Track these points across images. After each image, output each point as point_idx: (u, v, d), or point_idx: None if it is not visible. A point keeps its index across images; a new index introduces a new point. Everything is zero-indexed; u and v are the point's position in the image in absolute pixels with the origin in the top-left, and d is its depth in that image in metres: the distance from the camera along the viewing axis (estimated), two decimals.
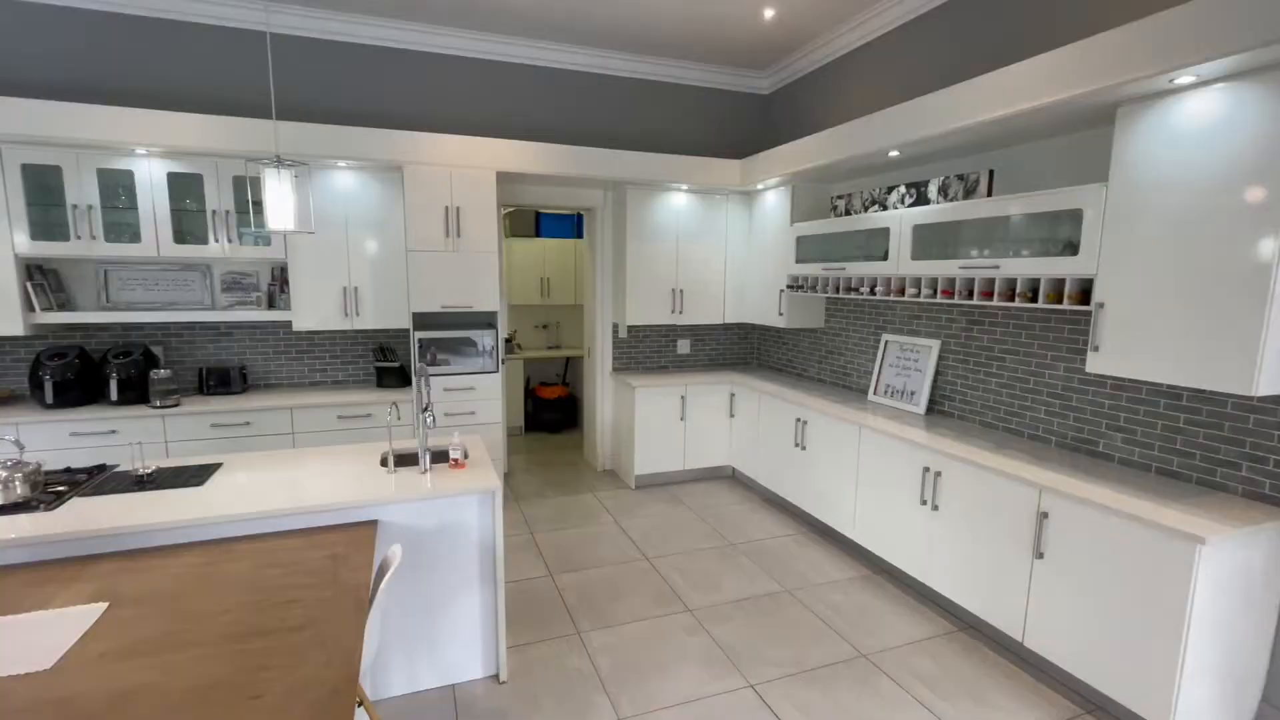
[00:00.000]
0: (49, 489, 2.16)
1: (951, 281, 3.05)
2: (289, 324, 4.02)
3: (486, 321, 4.09)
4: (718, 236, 4.72)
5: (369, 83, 4.00)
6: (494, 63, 4.27)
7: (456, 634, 2.42)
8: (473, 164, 3.82)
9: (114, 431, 3.35)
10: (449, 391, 3.91)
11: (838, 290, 3.81)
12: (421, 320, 3.85)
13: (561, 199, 4.64)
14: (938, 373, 3.51)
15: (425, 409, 2.44)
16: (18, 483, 2.05)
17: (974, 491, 2.71)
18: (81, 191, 3.34)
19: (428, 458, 2.45)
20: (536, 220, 6.32)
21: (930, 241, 3.19)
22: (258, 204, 3.68)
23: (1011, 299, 2.74)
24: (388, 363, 4.02)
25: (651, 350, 5.01)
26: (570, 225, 6.48)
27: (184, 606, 1.65)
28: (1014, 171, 3.00)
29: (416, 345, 3.82)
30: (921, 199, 3.33)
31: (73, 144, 3.25)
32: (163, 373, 3.47)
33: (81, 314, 3.49)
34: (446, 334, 3.88)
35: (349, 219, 3.78)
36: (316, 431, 3.67)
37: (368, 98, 4.01)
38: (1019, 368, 3.05)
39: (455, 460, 2.50)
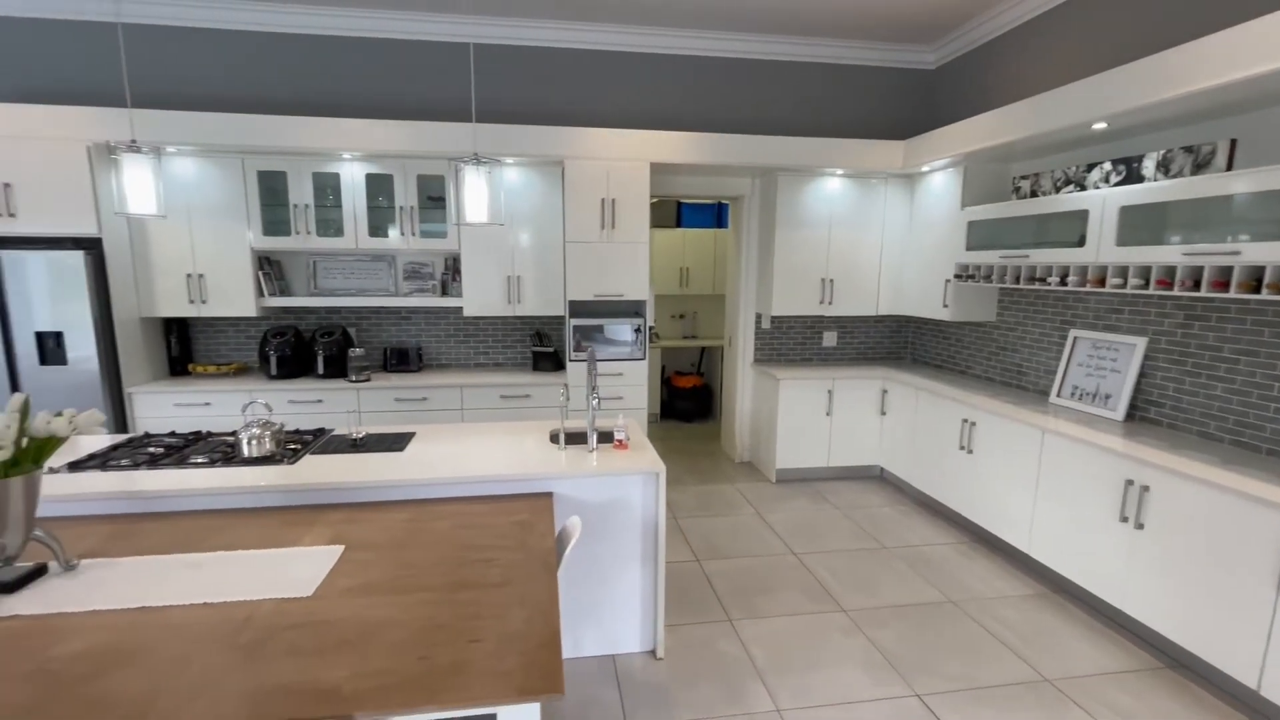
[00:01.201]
0: (287, 446, 2.53)
1: (1170, 270, 2.66)
2: (459, 309, 4.39)
3: (634, 310, 4.20)
4: (873, 223, 4.49)
5: (535, 82, 4.24)
6: (647, 55, 4.35)
7: (618, 607, 2.53)
8: (629, 156, 3.93)
9: (320, 401, 3.86)
10: (598, 376, 4.08)
11: (1016, 280, 3.47)
12: (576, 308, 4.04)
13: (708, 188, 4.64)
14: (1142, 374, 3.09)
15: (593, 391, 2.55)
16: (267, 440, 2.42)
17: (1196, 511, 2.35)
18: (300, 193, 3.86)
19: (595, 437, 2.56)
20: (677, 211, 6.39)
21: (1142, 225, 2.80)
22: (437, 200, 4.05)
23: (1256, 290, 2.34)
24: (543, 347, 4.27)
25: (795, 342, 4.88)
26: (711, 215, 6.47)
27: (403, 556, 1.86)
28: (1258, 140, 2.55)
29: (571, 331, 4.01)
30: (1133, 176, 2.93)
31: (295, 152, 3.77)
32: (358, 351, 3.94)
33: (296, 299, 4.05)
34: (598, 321, 4.04)
35: (514, 213, 4.04)
36: (482, 409, 3.98)
37: (531, 97, 4.25)
38: (1258, 371, 2.60)
39: (620, 441, 2.59)
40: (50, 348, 3.55)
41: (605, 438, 2.80)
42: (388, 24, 3.98)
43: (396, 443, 2.63)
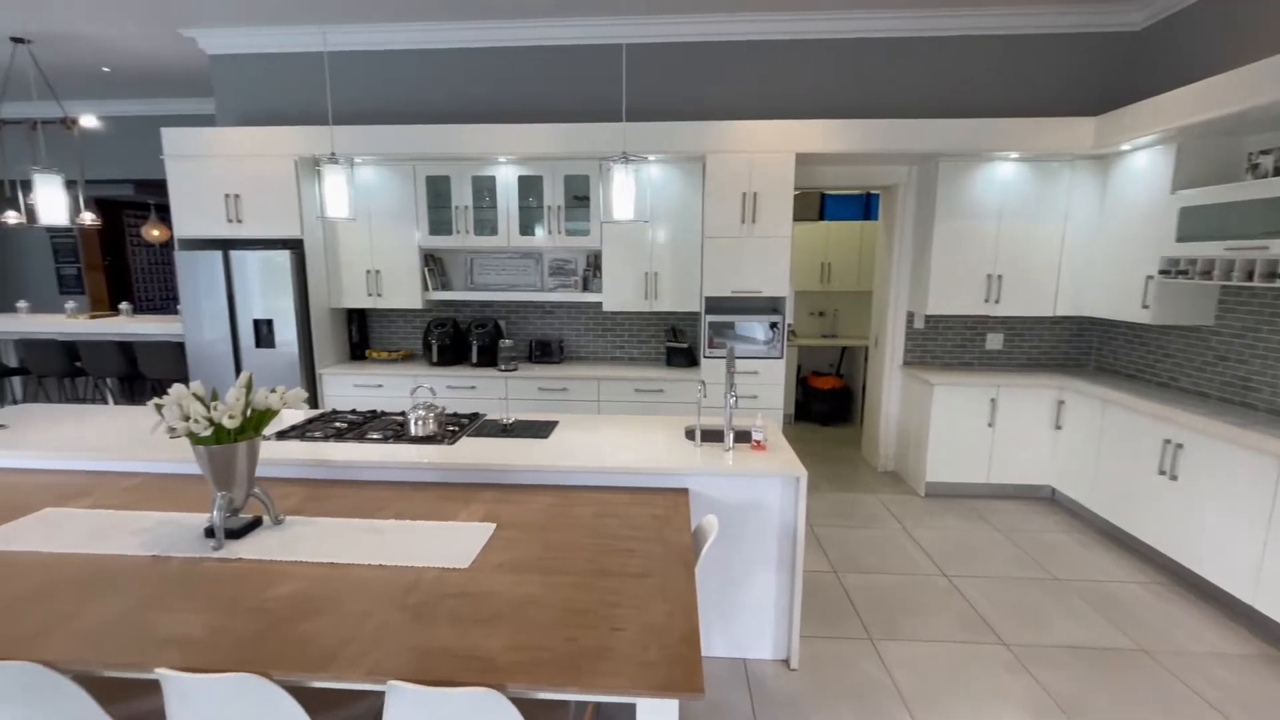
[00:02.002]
0: (447, 428, 2.76)
1: None
2: (599, 304, 4.54)
3: (772, 307, 4.07)
4: (1053, 212, 3.97)
5: (681, 79, 4.26)
6: (796, 42, 4.18)
7: (751, 611, 2.46)
8: (773, 148, 3.81)
9: (473, 387, 4.17)
10: (735, 375, 4.01)
11: (1248, 277, 2.88)
12: (712, 304, 4.01)
13: (857, 178, 4.38)
14: None
15: (732, 389, 2.50)
16: (431, 421, 2.65)
17: None
18: (461, 195, 4.20)
19: (731, 436, 2.51)
20: (821, 203, 6.11)
21: None
22: (581, 199, 4.21)
23: None
24: (678, 343, 4.28)
25: (953, 344, 4.46)
26: (858, 207, 6.12)
27: (549, 538, 1.94)
28: None
29: (706, 327, 3.98)
30: None
31: (459, 157, 4.10)
32: (507, 342, 4.20)
33: (455, 293, 4.41)
34: (734, 318, 3.97)
35: (653, 209, 4.09)
36: (617, 401, 4.08)
37: (677, 93, 4.27)
38: None
39: (757, 442, 2.52)
40: (264, 333, 4.18)
41: (741, 437, 2.74)
42: (547, 32, 4.20)
43: (542, 430, 2.77)
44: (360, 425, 2.80)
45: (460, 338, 4.44)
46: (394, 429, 2.72)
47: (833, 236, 6.04)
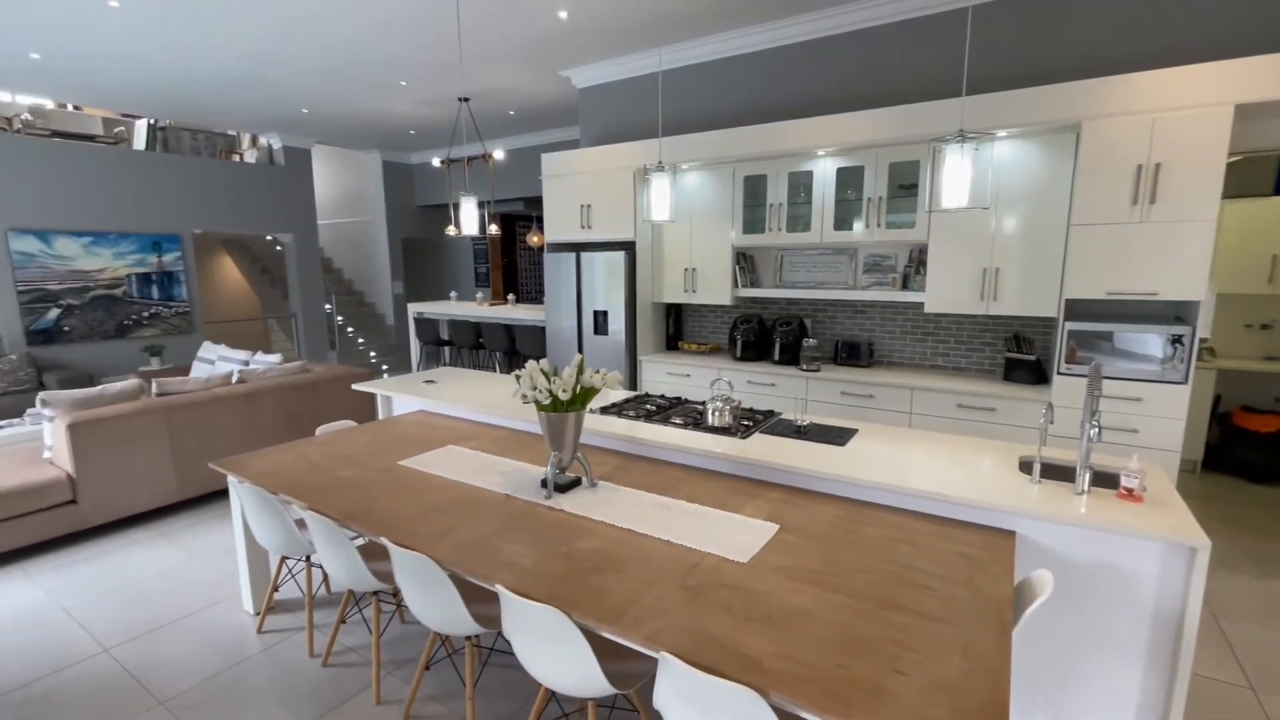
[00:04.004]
0: (742, 422, 2.80)
1: None
2: (919, 305, 4.07)
3: (1174, 314, 3.07)
4: None
5: (1043, 33, 3.51)
6: None
7: (1095, 706, 1.90)
8: (1193, 102, 2.84)
9: (773, 384, 4.17)
10: (1103, 399, 3.14)
11: None
12: (1076, 308, 3.20)
13: None
14: None
15: (1093, 416, 1.95)
16: (727, 413, 2.73)
17: None
18: (777, 192, 4.21)
19: (1088, 476, 1.97)
20: (1279, 173, 4.36)
21: None
22: (907, 188, 3.81)
23: None
24: (1021, 354, 3.55)
25: None
26: None
27: (832, 552, 1.81)
28: None
29: (1065, 337, 3.21)
30: None
31: (775, 155, 4.11)
32: (811, 342, 4.08)
33: (763, 290, 4.46)
34: (1111, 326, 3.10)
35: (998, 193, 3.46)
36: (933, 416, 3.60)
37: (1035, 52, 3.53)
38: None
39: (1128, 490, 1.93)
40: (600, 322, 4.89)
41: (1104, 480, 2.13)
42: (874, 11, 3.91)
43: (839, 436, 2.60)
44: (666, 410, 3.04)
45: (765, 334, 4.48)
46: (694, 416, 2.88)
47: None
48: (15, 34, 4.31)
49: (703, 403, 3.10)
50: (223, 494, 4.23)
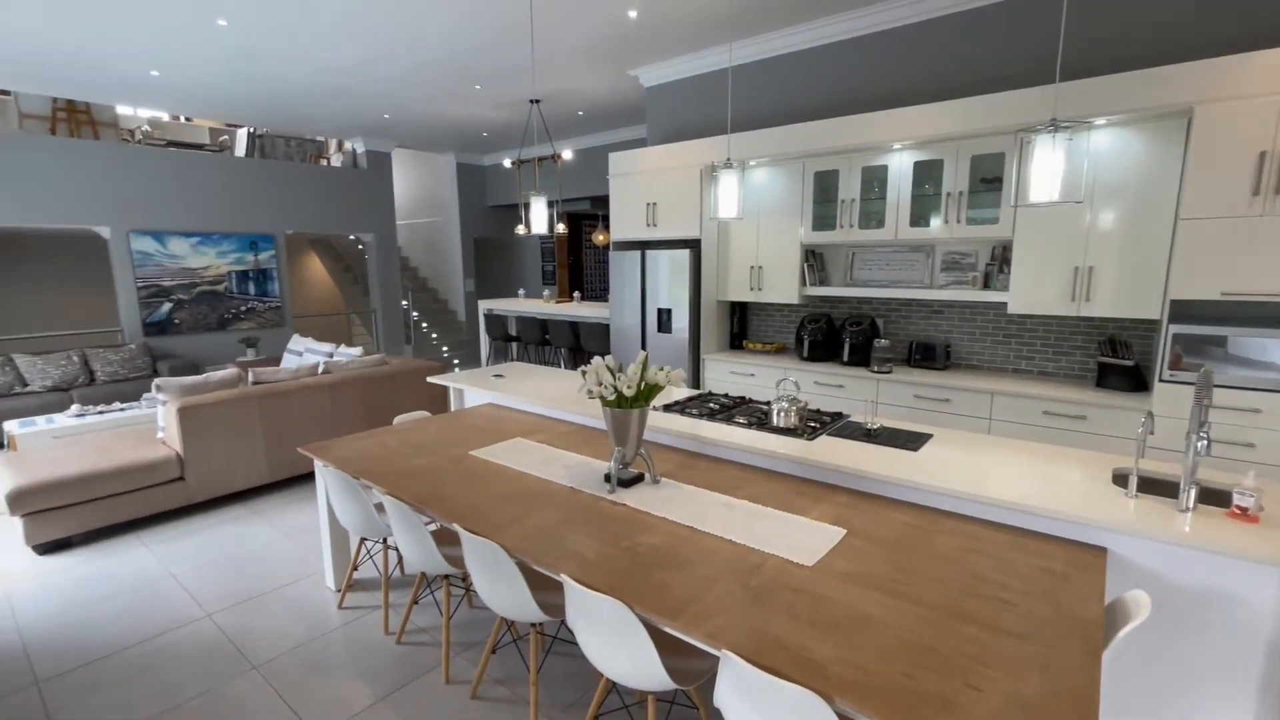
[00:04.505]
0: (808, 423, 2.75)
1: None
2: (1002, 305, 3.85)
3: None
4: None
5: (1145, 11, 3.24)
6: None
7: None
8: None
9: (841, 386, 4.05)
10: (1213, 409, 2.87)
11: None
12: (1183, 309, 2.94)
13: None
14: None
15: (1201, 427, 1.80)
16: (793, 414, 2.68)
17: None
18: (849, 188, 4.09)
19: (1193, 492, 1.81)
20: None
21: None
22: (990, 182, 3.62)
23: None
24: (1117, 359, 3.30)
25: None
26: None
27: (901, 559, 1.74)
28: None
29: (1169, 341, 2.95)
30: None
31: (848, 149, 3.99)
32: (883, 342, 3.94)
33: (832, 288, 4.34)
34: (1226, 330, 2.84)
35: (1094, 186, 3.22)
36: (1015, 423, 3.40)
37: (1142, 29, 3.26)
38: None
39: (1241, 509, 1.76)
40: (664, 320, 4.90)
41: (1212, 497, 1.95)
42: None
43: (911, 441, 2.51)
44: (730, 409, 3.02)
45: (833, 334, 4.36)
46: (758, 416, 2.84)
47: None
48: (138, 54, 4.75)
49: (767, 403, 3.06)
50: (307, 477, 4.52)
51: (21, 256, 7.55)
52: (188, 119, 8.69)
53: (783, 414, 2.69)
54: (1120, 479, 2.08)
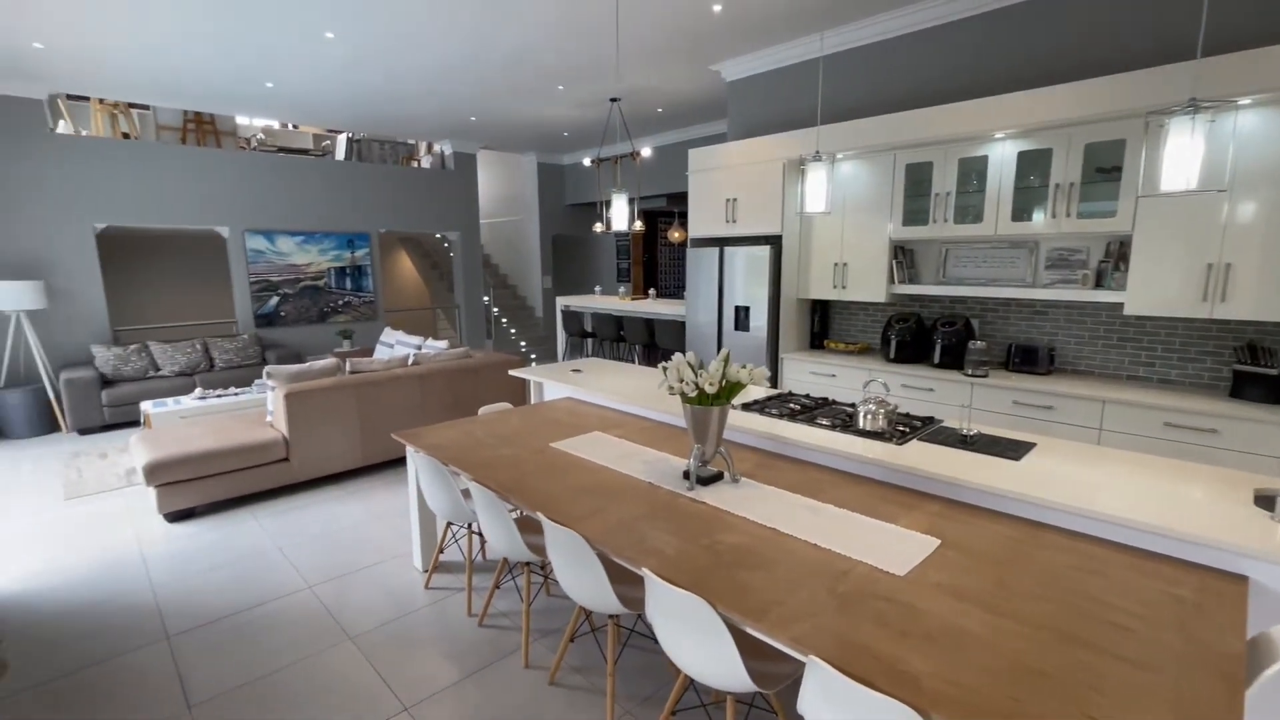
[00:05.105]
0: (897, 427, 2.62)
1: None
2: (1117, 306, 3.54)
3: None
4: None
5: None
6: None
7: None
8: None
9: (931, 389, 3.85)
10: None
11: None
12: None
13: None
14: None
15: None
16: (881, 417, 2.57)
17: None
18: (944, 181, 3.87)
19: None
20: None
21: None
22: (1107, 171, 3.32)
23: None
24: (1258, 367, 2.95)
25: None
26: None
27: (1002, 574, 1.63)
28: None
29: None
30: None
31: (945, 140, 3.78)
32: (978, 344, 3.71)
33: (923, 286, 4.13)
34: None
35: (1236, 174, 2.89)
36: (1131, 435, 3.11)
37: None
38: None
39: None
40: (741, 318, 4.82)
41: None
42: None
43: (1012, 449, 2.34)
44: (811, 410, 2.93)
45: (923, 335, 4.15)
46: (842, 418, 2.74)
47: None
48: (255, 68, 5.17)
49: (852, 404, 2.95)
50: (396, 463, 4.77)
51: (156, 254, 8.40)
52: (295, 126, 9.39)
53: (870, 417, 2.58)
54: (1265, 500, 1.86)
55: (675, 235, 8.02)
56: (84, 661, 2.43)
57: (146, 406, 4.99)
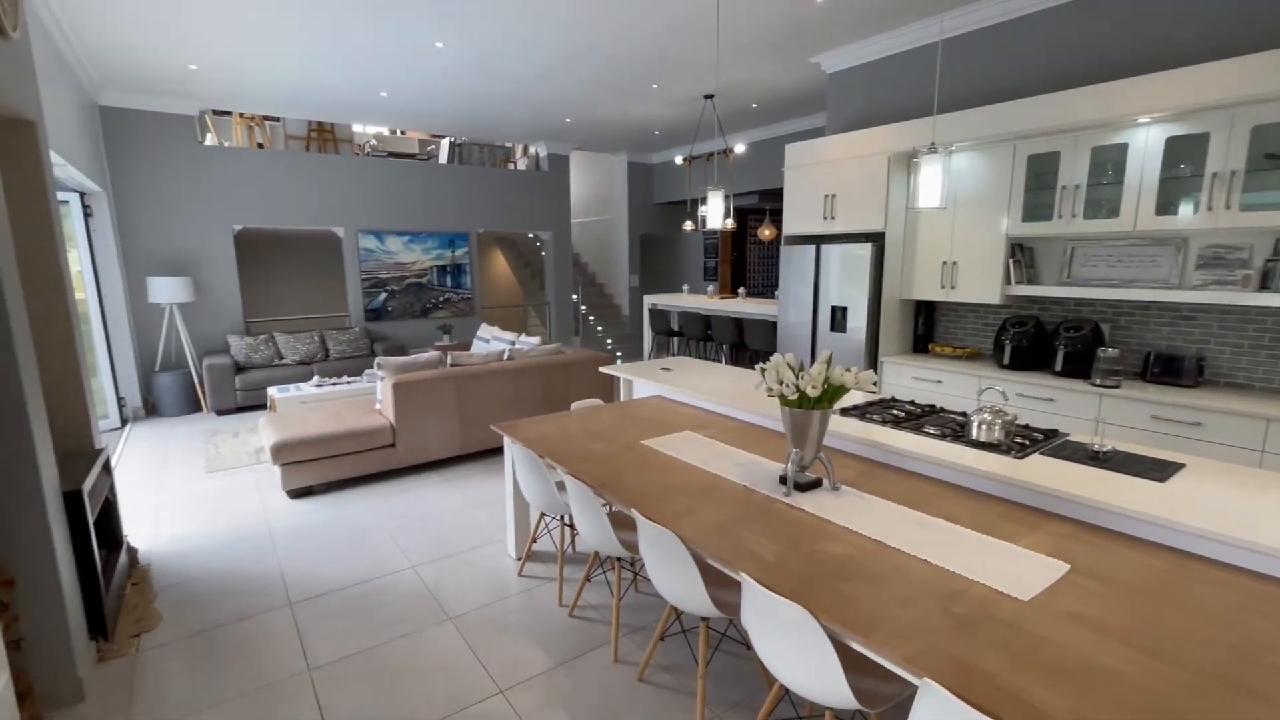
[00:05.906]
0: (1016, 439, 2.42)
1: None
2: None
3: None
4: None
5: None
6: None
7: None
8: None
9: (1052, 400, 3.53)
10: None
11: None
12: None
13: None
14: None
15: None
16: (997, 428, 2.38)
17: None
18: (1073, 172, 3.53)
19: None
20: None
21: None
22: (1277, 157, 2.91)
23: None
24: None
25: None
26: None
27: (1150, 610, 1.46)
28: None
29: None
30: None
31: (1073, 128, 3.45)
32: (1110, 351, 3.36)
33: (1044, 288, 3.79)
34: None
35: None
36: None
37: None
38: None
39: None
40: (838, 319, 4.63)
41: None
42: None
43: (1156, 469, 2.10)
44: (918, 417, 2.77)
45: (1043, 340, 3.81)
46: (952, 428, 2.56)
47: None
48: (371, 79, 5.54)
49: (963, 413, 2.76)
50: (492, 452, 4.97)
51: (281, 252, 9.22)
52: (403, 133, 9.99)
53: (985, 427, 2.39)
54: None
55: (765, 233, 7.85)
56: (222, 620, 2.70)
57: (273, 392, 5.48)
